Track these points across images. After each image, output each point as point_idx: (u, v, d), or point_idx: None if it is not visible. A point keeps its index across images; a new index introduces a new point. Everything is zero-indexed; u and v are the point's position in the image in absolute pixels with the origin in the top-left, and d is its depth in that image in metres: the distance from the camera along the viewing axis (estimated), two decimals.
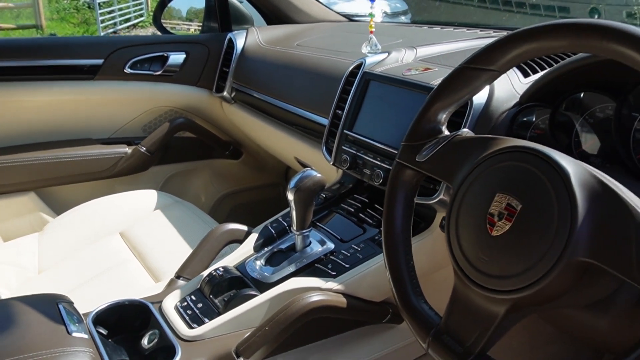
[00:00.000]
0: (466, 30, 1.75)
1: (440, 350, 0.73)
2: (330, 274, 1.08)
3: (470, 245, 0.70)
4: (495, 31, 1.67)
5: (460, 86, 0.80)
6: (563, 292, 0.65)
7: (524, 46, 0.72)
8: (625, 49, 0.61)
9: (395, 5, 7.14)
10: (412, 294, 0.79)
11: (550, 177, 0.64)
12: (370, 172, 1.21)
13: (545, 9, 1.67)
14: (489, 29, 1.71)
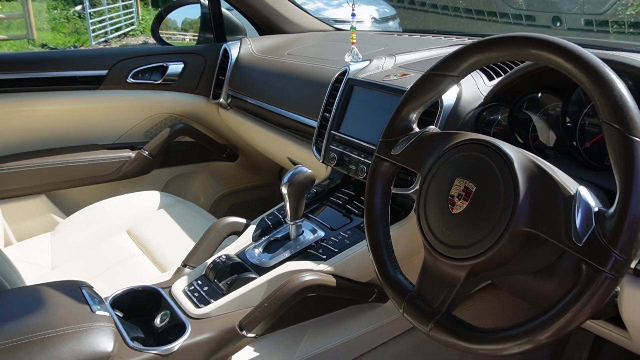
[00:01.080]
0: (443, 38, 1.88)
1: (413, 312, 0.86)
2: (321, 258, 1.21)
3: (435, 222, 0.83)
4: (469, 38, 1.79)
5: (427, 90, 0.93)
6: (510, 258, 0.78)
7: (476, 56, 0.85)
8: (549, 55, 0.74)
9: (383, 10, 7.27)
10: (390, 266, 0.92)
11: (498, 163, 0.77)
12: (355, 168, 1.34)
13: (514, 17, 1.79)
14: (463, 36, 1.84)
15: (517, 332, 0.73)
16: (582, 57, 0.72)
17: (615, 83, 0.70)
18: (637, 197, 0.65)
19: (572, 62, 0.73)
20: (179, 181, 2.26)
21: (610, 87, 0.69)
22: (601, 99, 0.70)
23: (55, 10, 11.70)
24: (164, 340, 1.08)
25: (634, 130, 0.67)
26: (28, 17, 9.74)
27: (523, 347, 0.72)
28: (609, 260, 0.65)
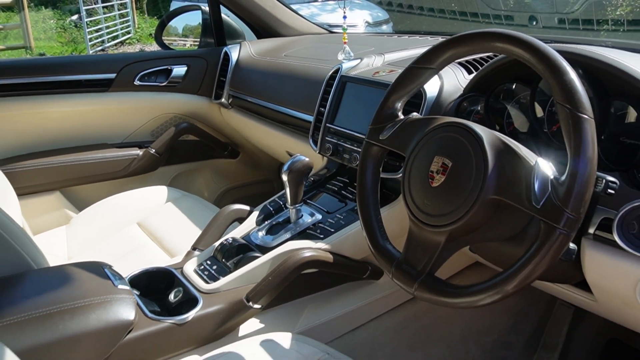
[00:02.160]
0: (429, 38, 2.00)
1: (401, 276, 0.96)
2: (319, 237, 1.32)
3: (418, 195, 0.94)
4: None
5: (410, 81, 1.04)
6: (483, 223, 0.89)
7: (451, 50, 0.97)
8: (512, 47, 0.86)
9: (377, 15, 7.37)
10: (380, 237, 1.03)
11: (470, 141, 0.89)
12: (349, 157, 1.45)
13: (494, 17, 1.89)
14: (448, 35, 1.95)
15: (488, 285, 0.84)
16: (539, 48, 0.84)
17: (567, 70, 0.81)
18: (584, 165, 0.77)
19: (530, 53, 0.84)
20: (184, 178, 2.36)
21: (562, 74, 0.81)
22: (555, 84, 0.81)
23: (52, 20, 11.74)
24: (178, 313, 1.18)
25: (581, 108, 0.78)
26: (26, 27, 9.77)
27: (494, 298, 0.83)
28: (562, 218, 0.76)
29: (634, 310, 0.99)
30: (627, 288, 0.95)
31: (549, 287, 1.23)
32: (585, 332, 1.68)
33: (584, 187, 0.76)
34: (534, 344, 1.69)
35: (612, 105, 1.00)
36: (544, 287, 1.28)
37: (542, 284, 1.25)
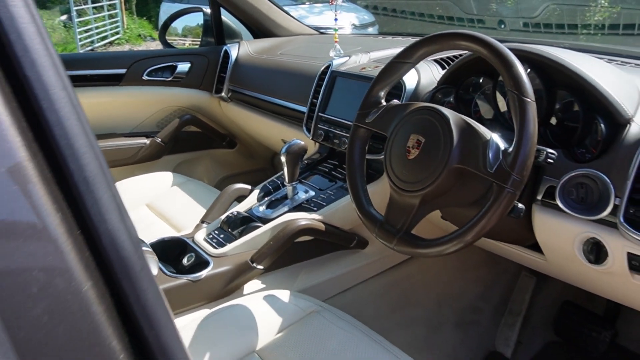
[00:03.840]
0: (410, 39, 2.18)
1: (383, 234, 1.14)
2: (312, 209, 1.50)
3: (397, 167, 1.12)
4: None
5: (391, 73, 1.22)
6: (450, 188, 1.06)
7: (425, 47, 1.15)
8: (473, 44, 1.04)
9: (363, 17, 7.55)
10: (365, 203, 1.21)
11: (439, 122, 1.07)
12: (339, 141, 1.63)
13: (468, 21, 2.07)
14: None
15: (452, 237, 1.02)
16: (494, 46, 1.02)
17: (516, 64, 0.99)
18: (527, 137, 0.95)
19: (487, 50, 1.03)
20: (185, 166, 2.52)
21: (512, 66, 0.99)
22: (506, 74, 0.99)
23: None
24: (192, 273, 1.35)
25: (525, 93, 0.96)
26: None
27: (457, 246, 1.01)
28: (509, 180, 0.95)
29: (574, 264, 1.18)
30: (567, 244, 1.14)
31: (512, 254, 1.42)
32: (544, 298, 1.87)
33: (526, 155, 0.95)
34: (501, 309, 1.88)
35: (557, 94, 1.19)
36: (507, 255, 1.47)
37: (506, 251, 1.43)
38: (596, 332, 1.63)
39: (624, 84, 1.16)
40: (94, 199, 0.35)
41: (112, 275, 0.35)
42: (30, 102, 0.33)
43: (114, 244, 0.36)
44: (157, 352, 0.37)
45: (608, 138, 1.09)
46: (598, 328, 1.64)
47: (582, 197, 1.09)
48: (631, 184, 1.01)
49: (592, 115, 1.12)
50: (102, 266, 0.35)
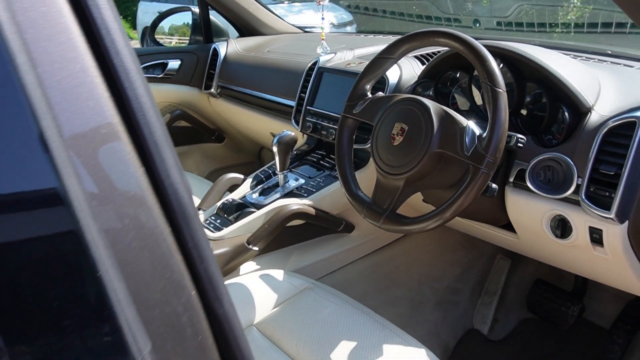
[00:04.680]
0: (391, 37, 2.29)
1: (370, 214, 1.24)
2: (303, 196, 1.60)
3: (383, 152, 1.23)
4: None
5: (376, 68, 1.33)
6: (431, 171, 1.17)
7: (406, 44, 1.25)
8: (450, 41, 1.15)
9: (341, 16, 7.67)
10: (354, 187, 1.31)
11: (421, 111, 1.17)
12: (326, 133, 1.73)
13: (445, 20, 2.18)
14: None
15: (433, 214, 1.13)
16: (469, 42, 1.13)
17: (488, 58, 1.10)
18: (499, 124, 1.06)
19: (463, 45, 1.13)
20: None
21: (485, 60, 1.10)
22: (480, 67, 1.10)
23: None
24: None
25: (497, 84, 1.07)
26: None
27: (437, 222, 1.12)
28: (484, 161, 1.06)
29: (543, 240, 1.29)
30: (536, 221, 1.26)
31: (488, 235, 1.53)
32: (518, 279, 2.00)
33: (499, 139, 1.06)
34: (478, 290, 2.00)
35: (527, 86, 1.31)
36: (484, 236, 1.58)
37: (483, 233, 1.54)
38: (565, 307, 1.76)
39: (586, 77, 1.28)
40: (161, 158, 0.45)
41: (174, 217, 0.45)
42: (116, 83, 0.43)
43: (175, 193, 0.45)
44: (205, 281, 0.47)
45: (572, 125, 1.21)
46: (567, 303, 1.77)
47: (549, 178, 1.21)
48: (591, 165, 1.12)
49: (558, 105, 1.24)
50: (167, 209, 0.45)
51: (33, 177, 0.36)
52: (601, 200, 1.11)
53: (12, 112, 0.35)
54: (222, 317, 0.47)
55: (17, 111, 0.35)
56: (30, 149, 0.36)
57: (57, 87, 0.38)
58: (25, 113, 0.35)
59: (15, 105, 0.35)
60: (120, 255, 0.39)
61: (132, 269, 0.40)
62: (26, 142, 0.35)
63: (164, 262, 0.43)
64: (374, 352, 1.15)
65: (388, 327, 1.22)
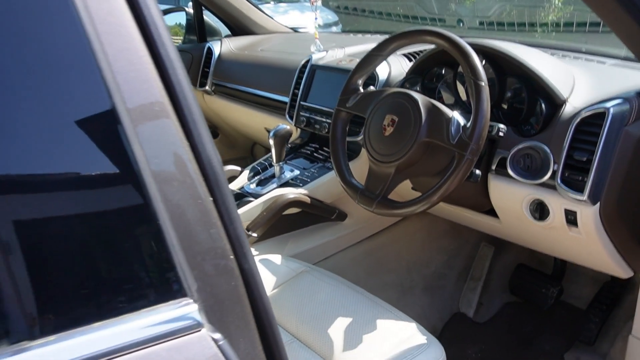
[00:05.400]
0: (379, 36, 2.39)
1: (363, 199, 1.33)
2: (299, 185, 1.69)
3: (374, 142, 1.32)
4: None
5: (368, 64, 1.42)
6: (419, 159, 1.26)
7: (396, 42, 1.35)
8: (436, 39, 1.24)
9: (327, 17, 7.76)
10: (347, 175, 1.40)
11: (410, 104, 1.26)
12: (319, 126, 1.82)
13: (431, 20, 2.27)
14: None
15: (421, 199, 1.22)
16: (454, 40, 1.22)
17: (472, 54, 1.19)
18: (481, 114, 1.15)
19: (449, 43, 1.23)
20: None
21: (468, 56, 1.19)
22: (464, 63, 1.20)
23: None
24: None
25: (480, 78, 1.17)
26: None
27: (425, 206, 1.21)
28: (468, 148, 1.15)
29: (524, 223, 1.39)
30: (517, 205, 1.35)
31: (473, 220, 1.63)
32: (501, 265, 2.10)
33: (481, 128, 1.15)
34: (464, 275, 2.10)
35: (507, 81, 1.40)
36: (469, 222, 1.68)
37: (468, 219, 1.64)
38: (545, 288, 1.86)
39: (562, 72, 1.38)
40: (198, 133, 0.53)
41: (209, 184, 0.54)
42: (162, 69, 0.51)
43: (210, 164, 0.54)
44: (234, 239, 0.55)
45: (548, 116, 1.31)
46: (547, 285, 1.87)
47: (528, 165, 1.30)
48: (566, 152, 1.22)
49: (535, 98, 1.34)
50: (204, 177, 0.53)
51: (108, 140, 0.44)
52: (575, 184, 1.21)
53: (93, 90, 0.43)
54: (247, 271, 0.56)
55: (97, 89, 0.43)
56: (106, 120, 0.44)
57: (121, 71, 0.47)
58: (102, 91, 0.44)
59: (95, 84, 0.43)
60: (171, 211, 0.47)
61: (181, 223, 0.48)
62: (102, 115, 0.44)
63: (206, 220, 0.51)
64: (368, 327, 1.24)
65: (381, 304, 1.31)
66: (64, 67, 0.43)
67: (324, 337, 1.22)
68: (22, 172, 0.42)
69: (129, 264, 0.45)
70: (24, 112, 0.42)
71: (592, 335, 1.75)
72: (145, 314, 0.44)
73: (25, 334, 0.40)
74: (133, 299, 0.44)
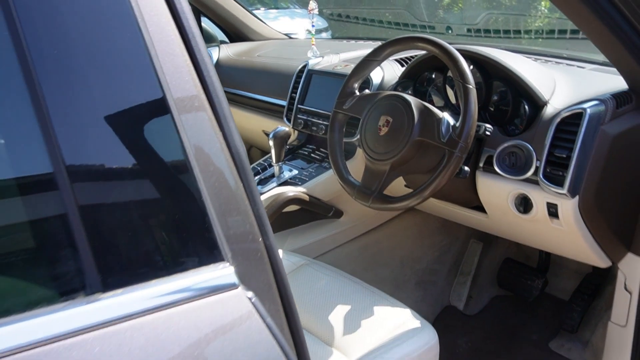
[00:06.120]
0: (371, 42, 2.49)
1: (360, 195, 1.42)
2: (297, 184, 1.78)
3: (370, 142, 1.41)
4: None
5: (363, 69, 1.51)
6: (412, 156, 1.35)
7: (390, 48, 1.44)
8: (427, 45, 1.34)
9: (317, 23, 7.86)
10: (345, 173, 1.49)
11: (404, 105, 1.36)
12: (316, 128, 1.91)
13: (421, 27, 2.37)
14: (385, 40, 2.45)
15: (414, 193, 1.31)
16: (444, 46, 1.32)
17: (460, 60, 1.29)
18: (469, 115, 1.25)
19: (439, 49, 1.33)
20: None
21: (457, 61, 1.29)
22: (453, 68, 1.29)
23: None
24: None
25: (468, 81, 1.27)
26: None
27: (417, 200, 1.31)
28: (457, 146, 1.25)
29: (509, 217, 1.49)
30: (503, 200, 1.45)
31: (462, 216, 1.72)
32: (490, 261, 2.20)
33: (470, 127, 1.25)
34: (454, 270, 2.20)
35: (494, 84, 1.50)
36: (458, 218, 1.77)
37: (457, 215, 1.73)
38: (531, 280, 1.97)
39: (543, 76, 1.48)
40: (228, 126, 0.62)
41: (238, 169, 0.63)
42: (198, 70, 0.60)
43: (237, 151, 0.63)
44: (257, 217, 0.64)
45: (531, 117, 1.41)
46: (532, 278, 1.98)
47: (513, 162, 1.40)
48: (547, 150, 1.32)
49: (519, 100, 1.44)
50: (235, 162, 0.62)
51: (159, 123, 0.53)
52: (556, 179, 1.31)
53: (150, 85, 0.52)
54: (268, 246, 0.65)
55: (153, 84, 0.53)
56: (159, 108, 0.53)
57: (168, 72, 0.56)
58: (156, 86, 0.53)
59: (151, 80, 0.53)
60: (211, 192, 0.57)
61: (219, 203, 0.58)
62: (156, 103, 0.53)
63: (237, 201, 0.60)
64: (365, 313, 1.33)
65: (377, 293, 1.40)
66: (129, 67, 0.53)
67: (324, 323, 1.31)
68: (102, 146, 0.51)
69: (181, 234, 0.55)
70: (101, 101, 0.51)
71: (575, 323, 1.85)
72: (192, 273, 0.53)
73: (98, 288, 0.49)
74: (183, 262, 0.53)
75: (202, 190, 0.55)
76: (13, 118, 0.48)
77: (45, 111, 0.48)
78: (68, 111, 0.50)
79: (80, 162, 0.50)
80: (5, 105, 0.48)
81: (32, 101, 0.48)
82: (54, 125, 0.48)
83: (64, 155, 0.49)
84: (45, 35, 0.48)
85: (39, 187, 0.49)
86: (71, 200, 0.48)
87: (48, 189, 0.49)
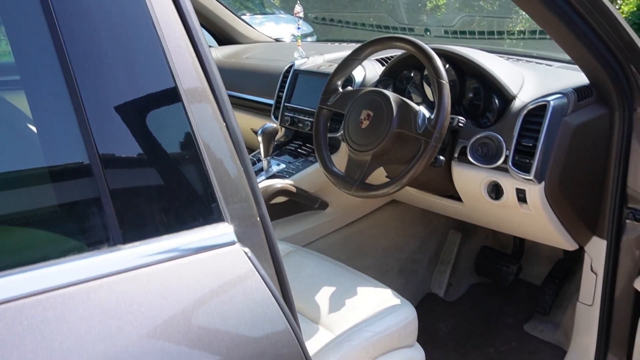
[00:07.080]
0: (354, 44, 2.59)
1: (343, 184, 1.51)
2: (285, 177, 1.87)
3: (353, 134, 1.50)
4: None
5: (345, 67, 1.61)
6: (391, 147, 1.45)
7: (370, 48, 1.54)
8: (405, 45, 1.43)
9: (303, 28, 7.96)
10: (329, 164, 1.58)
11: (383, 100, 1.46)
12: (302, 125, 2.00)
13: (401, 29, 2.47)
14: None
15: (393, 181, 1.40)
16: (420, 45, 1.42)
17: (435, 57, 1.39)
18: (443, 107, 1.35)
19: (415, 48, 1.43)
20: None
21: (432, 59, 1.39)
22: (428, 65, 1.39)
23: None
24: None
25: (442, 78, 1.37)
26: None
27: (397, 187, 1.40)
28: (432, 136, 1.34)
29: (483, 203, 1.59)
30: (476, 187, 1.55)
31: (439, 205, 1.82)
32: (468, 250, 2.30)
33: (444, 118, 1.35)
34: (434, 260, 2.30)
35: (467, 81, 1.61)
36: (436, 207, 1.87)
37: (435, 204, 1.83)
38: (506, 266, 2.07)
39: (512, 73, 1.58)
40: (228, 115, 0.71)
41: (236, 148, 0.72)
42: (202, 64, 0.69)
43: (235, 135, 0.72)
44: (252, 190, 0.73)
45: (501, 110, 1.51)
46: (507, 264, 2.08)
47: (485, 152, 1.50)
48: (515, 140, 1.43)
49: (490, 95, 1.54)
50: (233, 142, 0.71)
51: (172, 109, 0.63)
52: (523, 166, 1.41)
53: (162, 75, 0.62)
54: (261, 214, 0.74)
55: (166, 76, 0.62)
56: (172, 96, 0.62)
57: (178, 62, 0.65)
58: (167, 73, 0.62)
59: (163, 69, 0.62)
60: (214, 165, 0.66)
61: (220, 174, 0.67)
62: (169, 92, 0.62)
63: (234, 173, 0.69)
64: (349, 294, 1.42)
65: (361, 276, 1.50)
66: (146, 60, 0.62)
67: (311, 303, 1.40)
68: (126, 127, 0.61)
69: (188, 198, 0.64)
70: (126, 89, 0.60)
71: (547, 306, 1.96)
72: (198, 231, 0.63)
73: (119, 240, 0.58)
74: (190, 221, 0.63)
75: (207, 165, 0.64)
76: (52, 99, 0.57)
77: (81, 102, 0.57)
78: (100, 99, 0.59)
79: (108, 142, 0.59)
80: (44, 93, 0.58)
81: (70, 97, 0.57)
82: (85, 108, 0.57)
83: (95, 139, 0.58)
84: (80, 36, 0.57)
85: (73, 166, 0.59)
86: (99, 171, 0.58)
87: (82, 163, 0.58)
